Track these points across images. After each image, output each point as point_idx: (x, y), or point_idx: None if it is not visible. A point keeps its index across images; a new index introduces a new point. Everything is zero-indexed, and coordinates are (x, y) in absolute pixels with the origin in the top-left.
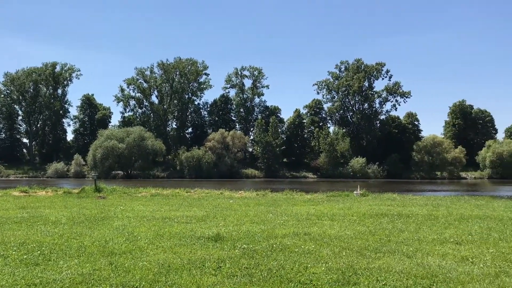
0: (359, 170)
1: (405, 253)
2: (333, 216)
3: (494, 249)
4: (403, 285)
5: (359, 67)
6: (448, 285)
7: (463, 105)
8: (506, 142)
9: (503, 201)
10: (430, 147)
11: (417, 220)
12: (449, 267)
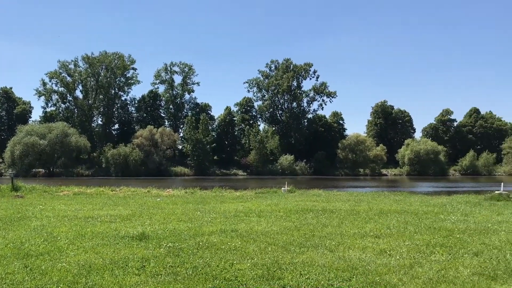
0: (287, 167)
1: (328, 247)
2: (260, 212)
3: (410, 241)
4: (325, 278)
5: (288, 66)
6: (367, 277)
7: (385, 105)
8: (423, 141)
9: (419, 196)
10: (354, 145)
11: (340, 215)
12: (369, 260)
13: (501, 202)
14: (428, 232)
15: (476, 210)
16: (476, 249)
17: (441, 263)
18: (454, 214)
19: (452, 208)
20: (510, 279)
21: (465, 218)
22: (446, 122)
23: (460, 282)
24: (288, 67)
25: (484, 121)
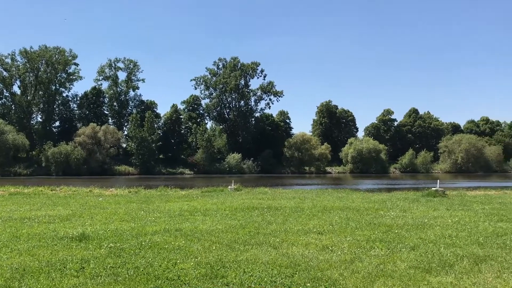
0: (235, 165)
1: (272, 244)
2: (206, 211)
3: (351, 237)
4: (268, 275)
5: (235, 65)
6: (309, 272)
7: (329, 105)
8: (365, 140)
9: (361, 193)
10: (300, 143)
11: (285, 212)
12: (311, 256)
13: (437, 198)
14: (369, 228)
15: (414, 206)
16: (413, 244)
17: (380, 258)
18: (394, 210)
19: (392, 204)
20: (443, 271)
21: (403, 214)
22: (387, 122)
23: (398, 276)
24: (236, 65)
25: (423, 121)
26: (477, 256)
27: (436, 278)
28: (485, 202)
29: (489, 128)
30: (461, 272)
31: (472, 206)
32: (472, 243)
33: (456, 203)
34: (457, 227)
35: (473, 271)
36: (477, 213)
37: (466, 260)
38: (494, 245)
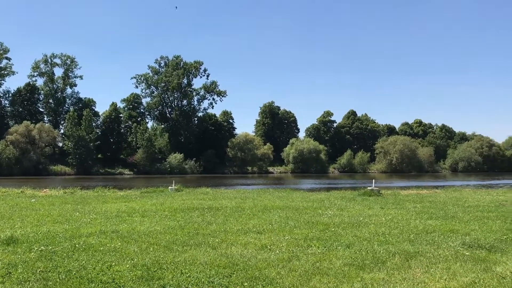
0: (176, 166)
1: (211, 245)
2: (144, 212)
3: (290, 236)
4: (206, 275)
5: (178, 63)
6: (247, 272)
7: (272, 106)
8: (306, 141)
9: (301, 192)
10: (243, 143)
11: (225, 212)
12: (250, 255)
13: (372, 197)
14: (307, 227)
15: (350, 205)
16: (349, 242)
17: (317, 256)
18: (331, 209)
19: (330, 203)
20: (376, 267)
21: (340, 212)
22: (327, 123)
23: (333, 273)
24: (178, 64)
25: (360, 122)
26: (408, 252)
27: (370, 275)
28: (417, 201)
29: (422, 130)
30: (392, 268)
31: (404, 205)
32: (404, 240)
33: (390, 201)
34: (390, 225)
35: (404, 267)
36: (409, 211)
37: (397, 256)
38: (424, 241)
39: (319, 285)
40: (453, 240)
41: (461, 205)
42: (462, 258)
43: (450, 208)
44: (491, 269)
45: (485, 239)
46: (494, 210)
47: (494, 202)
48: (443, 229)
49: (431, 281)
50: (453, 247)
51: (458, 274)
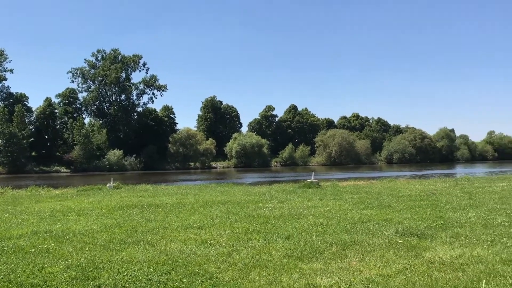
0: (116, 162)
1: (150, 242)
2: (80, 211)
3: (230, 230)
4: (144, 273)
5: (116, 57)
6: (186, 268)
7: (214, 100)
8: (249, 135)
9: (243, 187)
10: (185, 139)
11: (166, 209)
12: (190, 251)
13: (312, 189)
14: (248, 220)
15: (291, 198)
16: (288, 233)
17: (257, 249)
18: (272, 202)
19: (271, 196)
20: (314, 258)
21: (281, 205)
22: (269, 118)
23: (272, 265)
24: (116, 57)
25: (301, 117)
26: (345, 242)
27: (308, 265)
28: (354, 192)
29: (359, 124)
30: (329, 258)
31: (342, 196)
32: (341, 230)
33: (329, 193)
34: (328, 215)
35: (340, 256)
36: (346, 202)
37: (334, 246)
38: (360, 231)
39: (258, 277)
40: (387, 228)
41: (395, 195)
42: (395, 246)
43: (385, 198)
44: (421, 255)
45: (416, 226)
46: (425, 199)
47: (425, 191)
48: (378, 218)
49: (366, 269)
50: (387, 236)
51: (391, 261)
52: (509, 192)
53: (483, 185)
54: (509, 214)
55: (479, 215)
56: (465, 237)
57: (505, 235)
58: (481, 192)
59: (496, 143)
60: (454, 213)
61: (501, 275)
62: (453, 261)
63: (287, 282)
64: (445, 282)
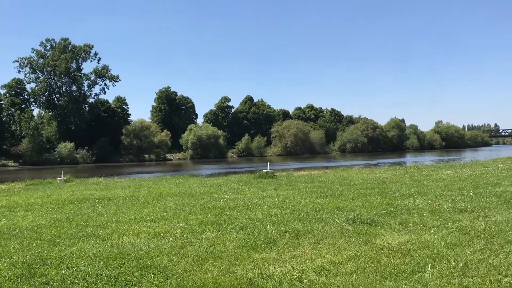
0: (67, 155)
1: (101, 236)
2: (28, 205)
3: (184, 222)
4: (94, 268)
5: (66, 46)
6: (138, 261)
7: (168, 91)
8: (205, 126)
9: (198, 178)
10: (139, 130)
11: (118, 202)
12: (142, 245)
13: (267, 179)
14: (202, 212)
15: (246, 188)
16: (243, 224)
17: (211, 240)
18: (227, 193)
19: (226, 187)
20: (267, 247)
21: (236, 196)
22: (225, 109)
23: (226, 256)
24: (66, 47)
25: (257, 108)
26: (298, 231)
27: (261, 255)
28: (308, 181)
29: (314, 115)
30: (283, 247)
31: (296, 185)
32: (294, 219)
33: (284, 183)
34: (282, 205)
35: (294, 245)
36: (300, 192)
37: (288, 235)
38: (313, 219)
39: (211, 268)
40: (339, 216)
41: (347, 183)
42: (347, 233)
43: (337, 187)
44: (372, 242)
45: (367, 214)
46: (376, 187)
47: (376, 180)
48: (331, 206)
49: (317, 257)
50: (338, 223)
51: (342, 249)
52: (455, 179)
53: (430, 173)
54: (454, 201)
55: (426, 202)
56: (413, 223)
57: (450, 220)
58: (428, 179)
59: (443, 132)
60: (403, 200)
61: (445, 258)
62: (401, 247)
63: (240, 272)
64: (394, 267)
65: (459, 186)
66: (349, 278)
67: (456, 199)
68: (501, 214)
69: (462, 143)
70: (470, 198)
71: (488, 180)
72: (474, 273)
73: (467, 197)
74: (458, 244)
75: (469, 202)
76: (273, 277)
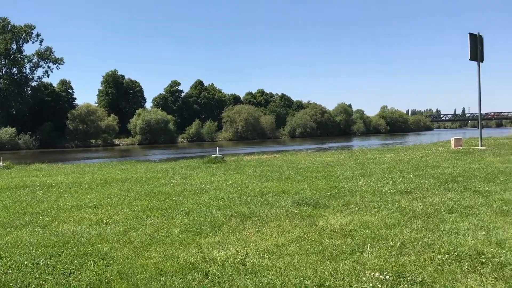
0: (8, 141)
1: (40, 224)
2: None
3: (128, 208)
4: (30, 257)
5: (5, 26)
6: (78, 249)
7: (116, 75)
8: (154, 111)
9: (146, 164)
10: (85, 115)
11: (60, 188)
12: (83, 232)
13: (216, 164)
14: (148, 198)
15: (194, 173)
16: (188, 209)
17: (155, 226)
18: (174, 178)
19: (174, 172)
20: (212, 232)
21: (183, 181)
22: (175, 93)
23: (170, 241)
24: (6, 27)
25: (207, 92)
26: (244, 214)
27: (206, 239)
28: (257, 166)
29: (264, 100)
30: (228, 230)
31: (245, 170)
32: (241, 203)
33: (232, 167)
34: (230, 189)
35: (239, 229)
36: (248, 176)
37: (234, 219)
38: (259, 203)
39: (154, 254)
40: (284, 199)
41: (295, 167)
42: (291, 216)
43: (285, 171)
44: (315, 224)
45: (312, 196)
46: (322, 170)
47: (322, 163)
48: (277, 190)
49: (262, 240)
50: (284, 206)
51: (286, 231)
52: (396, 162)
53: (374, 156)
54: (395, 182)
55: (369, 184)
56: (355, 205)
57: (390, 201)
58: (372, 162)
59: (388, 117)
60: (347, 182)
61: (384, 238)
62: (343, 228)
63: (183, 257)
64: (335, 248)
65: (400, 169)
66: (291, 260)
67: (397, 181)
68: (438, 195)
69: (405, 128)
70: (410, 180)
71: (427, 163)
72: (410, 252)
73: (407, 179)
74: (397, 224)
75: (409, 184)
76: (217, 261)
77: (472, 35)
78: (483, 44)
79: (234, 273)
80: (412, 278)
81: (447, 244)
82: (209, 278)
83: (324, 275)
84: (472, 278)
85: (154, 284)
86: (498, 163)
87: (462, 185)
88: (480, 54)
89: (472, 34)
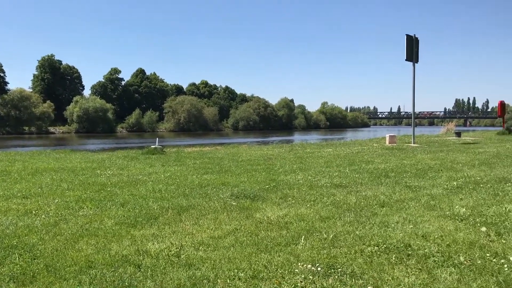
0: None
1: None
2: None
3: (60, 199)
4: None
5: None
6: (3, 241)
7: (52, 59)
8: (92, 99)
9: (82, 153)
10: (18, 101)
11: None
12: (9, 223)
13: (155, 155)
14: (81, 188)
15: (132, 164)
16: (124, 200)
17: (88, 217)
18: (111, 169)
19: (110, 163)
20: (147, 224)
21: (120, 172)
22: (114, 81)
23: (102, 233)
24: None
25: (149, 81)
26: (181, 206)
27: (140, 231)
28: (197, 158)
29: (208, 91)
30: (164, 223)
31: (185, 162)
32: (179, 195)
33: (172, 159)
34: (168, 181)
35: (175, 221)
36: (188, 168)
37: (170, 211)
38: (197, 195)
39: (86, 246)
40: (223, 192)
41: (235, 160)
42: (229, 208)
43: (225, 163)
44: (252, 216)
45: (251, 189)
46: (262, 163)
47: (263, 156)
48: (217, 182)
49: (198, 232)
50: (222, 199)
51: (223, 223)
52: (334, 157)
53: (313, 151)
54: (331, 176)
55: (306, 178)
56: (292, 197)
57: (326, 195)
58: (311, 157)
59: (328, 113)
60: (286, 176)
61: (318, 231)
62: (279, 220)
63: (116, 249)
64: (270, 240)
65: (337, 163)
66: (226, 252)
67: (333, 175)
68: (371, 189)
69: (344, 124)
70: (346, 174)
71: (363, 158)
72: (342, 244)
73: (343, 173)
74: (331, 217)
75: (344, 178)
76: (150, 253)
77: (408, 37)
78: (419, 45)
79: (168, 265)
80: (342, 270)
81: (377, 237)
82: (141, 271)
83: (258, 267)
84: (398, 269)
85: (83, 277)
86: (428, 160)
87: (394, 180)
88: (416, 55)
89: (409, 35)
